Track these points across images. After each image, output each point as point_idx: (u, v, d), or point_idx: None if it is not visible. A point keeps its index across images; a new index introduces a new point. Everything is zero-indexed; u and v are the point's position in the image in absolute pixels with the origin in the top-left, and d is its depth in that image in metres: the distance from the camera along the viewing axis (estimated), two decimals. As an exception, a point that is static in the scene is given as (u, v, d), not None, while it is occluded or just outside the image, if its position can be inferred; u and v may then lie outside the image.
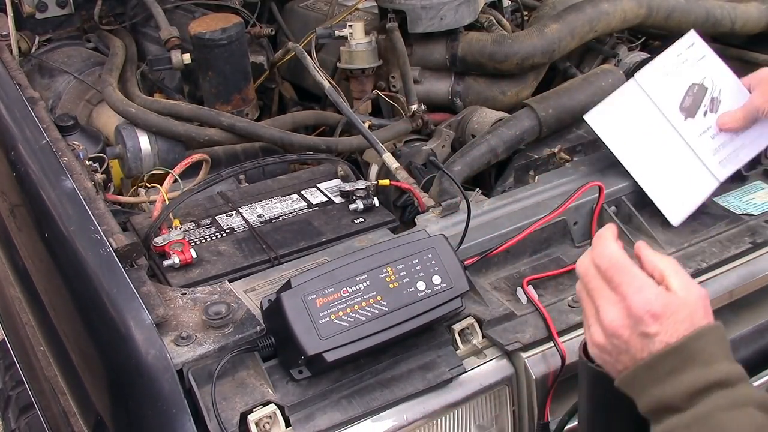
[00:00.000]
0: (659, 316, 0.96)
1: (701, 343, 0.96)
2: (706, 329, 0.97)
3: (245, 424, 1.09)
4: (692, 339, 0.96)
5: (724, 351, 0.97)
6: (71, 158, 1.48)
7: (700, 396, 0.93)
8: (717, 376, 0.93)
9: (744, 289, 1.41)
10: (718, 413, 0.91)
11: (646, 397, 0.97)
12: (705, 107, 1.54)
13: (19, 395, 1.97)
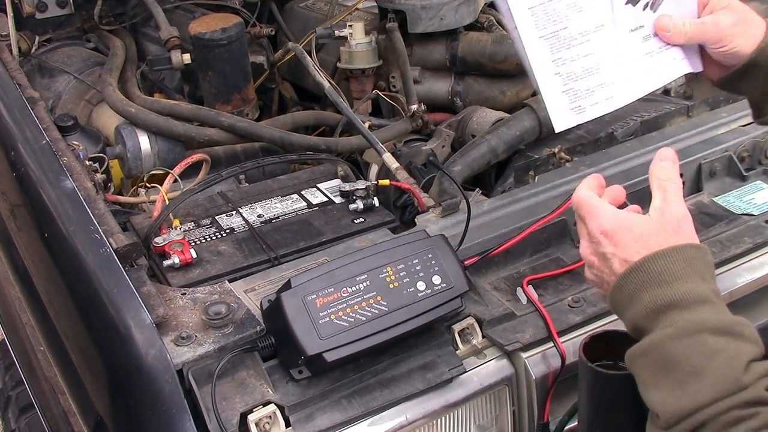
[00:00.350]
0: (610, 235, 0.99)
1: (660, 262, 0.95)
2: (669, 249, 0.96)
3: (245, 424, 1.09)
4: (650, 258, 0.96)
5: (691, 271, 0.96)
6: (71, 158, 1.48)
7: (658, 316, 0.93)
8: (672, 297, 0.93)
9: (744, 289, 1.41)
10: (668, 341, 0.91)
11: (624, 319, 0.99)
12: (648, 1, 1.26)
13: (19, 395, 1.97)
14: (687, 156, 1.62)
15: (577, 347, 1.12)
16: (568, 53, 1.22)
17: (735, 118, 1.76)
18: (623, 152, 1.65)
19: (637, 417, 1.11)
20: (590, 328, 1.28)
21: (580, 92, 1.23)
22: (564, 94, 1.22)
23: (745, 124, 1.74)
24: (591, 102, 1.24)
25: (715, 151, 1.65)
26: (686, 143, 1.68)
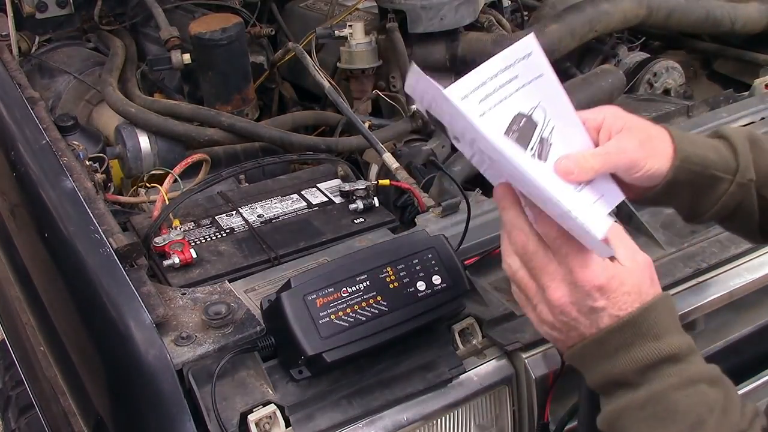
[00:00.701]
0: (606, 290, 0.93)
1: (652, 316, 0.93)
2: (657, 301, 0.95)
3: (245, 424, 1.09)
4: (642, 312, 0.93)
5: (674, 323, 0.95)
6: (71, 158, 1.48)
7: (651, 371, 0.91)
8: (668, 351, 0.91)
9: (744, 289, 1.41)
10: (672, 392, 0.90)
11: (597, 372, 0.95)
12: (533, 150, 1.02)
13: (19, 395, 1.97)
14: (687, 156, 1.62)
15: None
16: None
17: (735, 118, 1.76)
18: (623, 152, 1.65)
19: (637, 417, 1.11)
20: (590, 328, 1.28)
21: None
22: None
23: (745, 124, 1.74)
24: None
25: (715, 151, 1.64)
26: (686, 143, 1.67)
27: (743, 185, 1.08)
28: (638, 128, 1.06)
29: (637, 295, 0.94)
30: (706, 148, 1.08)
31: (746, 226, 1.14)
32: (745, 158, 1.08)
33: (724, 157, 1.08)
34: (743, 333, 1.42)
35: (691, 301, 1.37)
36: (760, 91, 1.90)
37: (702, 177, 1.07)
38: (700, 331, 1.43)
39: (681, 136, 1.08)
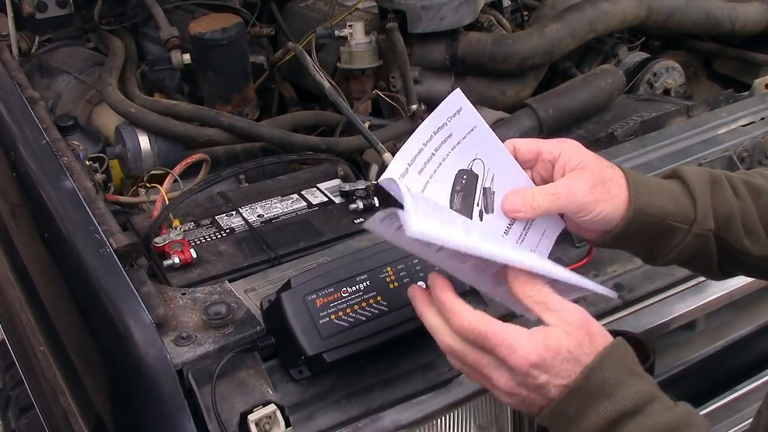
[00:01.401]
0: (542, 365, 0.90)
1: (598, 375, 0.89)
2: (601, 358, 0.90)
3: (245, 424, 1.09)
4: (587, 375, 0.89)
5: (626, 373, 0.91)
6: (71, 158, 1.48)
7: (614, 428, 0.89)
8: (624, 406, 0.88)
9: (744, 289, 1.41)
10: None
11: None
12: (479, 206, 1.04)
13: (19, 395, 1.97)
14: (687, 156, 1.62)
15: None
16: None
17: (735, 118, 1.76)
18: (623, 152, 1.65)
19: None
20: (590, 328, 1.28)
21: None
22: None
23: (745, 124, 1.74)
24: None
25: (715, 151, 1.65)
26: (686, 143, 1.68)
27: (700, 235, 1.05)
28: (593, 170, 1.04)
29: (575, 360, 0.90)
30: (663, 197, 1.05)
31: (705, 270, 1.12)
32: (703, 207, 1.05)
33: (681, 207, 1.05)
34: (743, 333, 1.42)
35: (691, 301, 1.37)
36: (760, 91, 1.90)
37: (657, 227, 1.05)
38: (700, 331, 1.43)
39: (637, 181, 1.05)
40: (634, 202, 1.03)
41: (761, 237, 1.07)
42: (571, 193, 1.02)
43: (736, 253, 1.07)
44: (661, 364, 1.23)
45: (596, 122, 1.85)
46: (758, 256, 1.07)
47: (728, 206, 1.06)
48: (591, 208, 1.02)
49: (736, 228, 1.06)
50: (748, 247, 1.06)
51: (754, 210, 1.07)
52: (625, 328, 1.24)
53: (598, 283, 1.35)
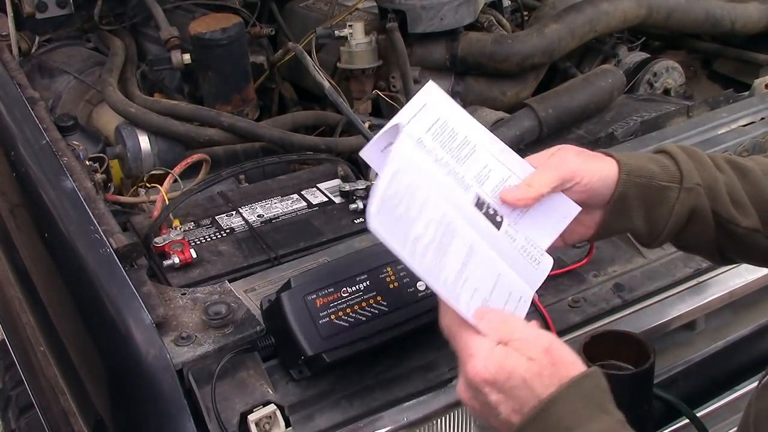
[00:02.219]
0: (494, 384, 0.88)
1: (557, 409, 0.85)
2: (562, 392, 0.86)
3: (245, 424, 1.09)
4: (544, 408, 0.85)
5: (593, 406, 0.86)
6: (71, 158, 1.48)
7: None
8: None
9: (744, 289, 1.41)
10: None
11: None
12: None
13: (19, 395, 1.97)
14: (687, 156, 1.62)
15: (577, 347, 1.12)
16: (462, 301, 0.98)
17: (735, 118, 1.76)
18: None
19: (637, 417, 1.11)
20: (590, 328, 1.28)
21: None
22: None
23: (745, 124, 1.74)
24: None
25: (715, 151, 1.64)
26: (686, 143, 1.67)
27: (691, 190, 1.07)
28: (571, 147, 1.09)
29: (530, 390, 0.87)
30: (647, 161, 1.09)
31: (704, 241, 1.11)
32: (686, 165, 1.08)
33: (666, 167, 1.08)
34: (743, 333, 1.42)
35: (691, 301, 1.37)
36: (760, 91, 1.90)
37: (649, 189, 1.07)
38: (700, 331, 1.43)
39: (620, 152, 1.10)
40: (622, 166, 1.07)
41: (748, 209, 1.08)
42: (561, 161, 1.06)
43: (725, 224, 1.08)
44: (661, 364, 1.23)
45: (596, 122, 1.85)
46: (747, 227, 1.08)
47: (711, 175, 1.09)
48: (585, 169, 1.06)
49: (721, 195, 1.08)
50: (735, 217, 1.08)
51: (740, 185, 1.09)
52: (625, 328, 1.24)
53: (598, 283, 1.35)
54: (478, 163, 1.09)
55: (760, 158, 1.15)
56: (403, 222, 0.96)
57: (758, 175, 1.10)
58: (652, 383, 1.12)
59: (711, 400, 1.38)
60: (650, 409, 1.14)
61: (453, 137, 1.09)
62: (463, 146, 1.09)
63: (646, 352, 1.10)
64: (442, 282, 0.96)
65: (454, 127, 1.09)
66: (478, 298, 0.98)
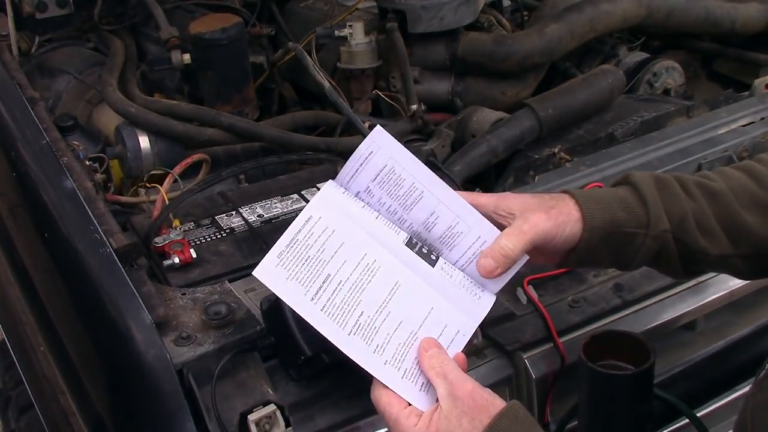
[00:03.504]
0: None
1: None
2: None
3: (245, 424, 1.09)
4: None
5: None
6: (71, 158, 1.48)
7: None
8: None
9: (744, 289, 1.41)
10: None
11: None
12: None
13: (19, 395, 1.96)
14: (687, 156, 1.62)
15: (577, 347, 1.12)
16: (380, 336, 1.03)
17: (735, 118, 1.76)
18: (623, 152, 1.65)
19: (637, 417, 1.11)
20: (590, 328, 1.28)
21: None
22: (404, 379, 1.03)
23: (745, 124, 1.74)
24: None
25: (715, 151, 1.65)
26: (686, 143, 1.68)
27: (657, 237, 1.08)
28: (537, 203, 1.08)
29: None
30: (614, 208, 1.08)
31: (669, 270, 1.14)
32: (655, 209, 1.08)
33: (633, 212, 1.08)
34: (743, 333, 1.42)
35: (691, 301, 1.37)
36: (760, 91, 1.90)
37: (615, 236, 1.07)
38: (700, 331, 1.43)
39: (585, 197, 1.08)
40: (587, 218, 1.06)
41: (718, 236, 1.09)
42: (533, 225, 1.05)
43: (694, 254, 1.10)
44: (661, 364, 1.23)
45: (596, 122, 1.85)
46: (717, 254, 1.09)
47: (680, 208, 1.09)
48: (554, 232, 1.06)
49: (691, 229, 1.08)
50: (705, 247, 1.09)
51: (709, 211, 1.09)
52: (625, 328, 1.24)
53: (598, 283, 1.35)
54: (425, 211, 1.10)
55: (730, 173, 1.14)
56: (312, 263, 1.02)
57: (728, 198, 1.10)
58: (652, 383, 1.12)
59: (711, 400, 1.38)
60: (650, 409, 1.13)
61: (399, 184, 1.10)
62: (410, 193, 1.10)
63: (646, 352, 1.10)
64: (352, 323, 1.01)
65: (401, 174, 1.09)
66: (402, 332, 1.02)
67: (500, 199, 1.10)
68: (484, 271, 1.08)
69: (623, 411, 1.11)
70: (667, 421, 1.28)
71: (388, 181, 1.09)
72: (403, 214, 1.10)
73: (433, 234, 1.10)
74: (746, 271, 1.13)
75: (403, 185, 1.10)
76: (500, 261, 1.06)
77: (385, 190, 1.10)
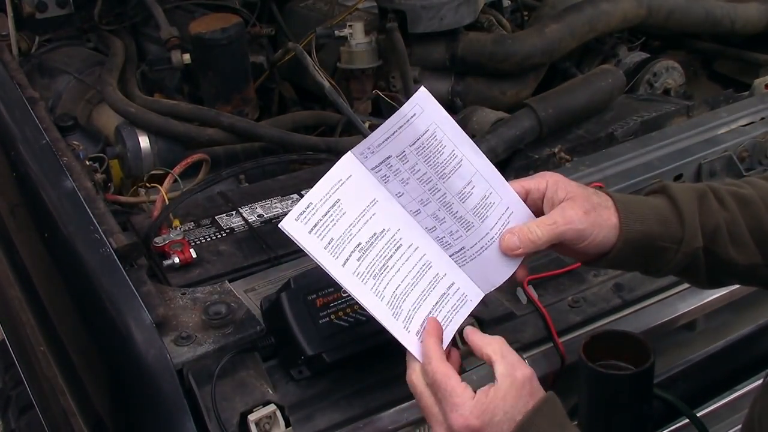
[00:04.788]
0: (478, 428, 0.95)
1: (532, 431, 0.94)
2: (529, 416, 0.95)
3: (245, 424, 1.09)
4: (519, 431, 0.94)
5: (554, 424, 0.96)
6: (71, 158, 1.48)
7: None
8: None
9: (744, 289, 1.41)
10: None
11: None
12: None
13: (19, 395, 1.96)
14: (687, 156, 1.62)
15: (577, 347, 1.12)
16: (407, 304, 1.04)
17: (735, 118, 1.76)
18: (623, 152, 1.65)
19: (637, 417, 1.11)
20: (590, 328, 1.28)
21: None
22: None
23: (745, 124, 1.74)
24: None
25: (715, 151, 1.65)
26: (686, 143, 1.68)
27: (689, 253, 1.07)
28: (582, 197, 1.06)
29: (511, 419, 0.95)
30: (652, 220, 1.07)
31: (694, 281, 1.14)
32: (691, 227, 1.07)
33: (669, 228, 1.07)
34: (743, 333, 1.42)
35: (691, 301, 1.37)
36: (760, 91, 1.90)
37: (648, 249, 1.07)
38: (700, 331, 1.43)
39: (625, 204, 1.07)
40: (624, 229, 1.05)
41: (748, 246, 1.09)
42: (569, 221, 1.04)
43: (723, 265, 1.09)
44: (661, 364, 1.23)
45: (596, 122, 1.85)
46: (746, 265, 1.09)
47: (714, 220, 1.08)
48: (587, 234, 1.05)
49: (722, 240, 1.08)
50: (734, 258, 1.08)
51: (741, 220, 1.09)
52: (625, 328, 1.24)
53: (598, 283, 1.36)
54: (462, 180, 1.08)
55: (759, 182, 1.14)
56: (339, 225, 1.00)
57: (758, 206, 1.10)
58: (652, 383, 1.12)
59: (711, 400, 1.38)
60: (650, 409, 1.14)
61: (439, 151, 1.06)
62: (450, 161, 1.07)
63: (646, 352, 1.10)
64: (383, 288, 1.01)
65: (442, 140, 1.06)
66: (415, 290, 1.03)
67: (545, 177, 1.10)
68: (506, 247, 1.07)
69: (623, 411, 1.12)
70: (667, 421, 1.28)
71: (428, 146, 1.05)
72: (437, 182, 1.06)
73: (467, 204, 1.08)
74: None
75: (443, 152, 1.06)
76: (525, 243, 1.06)
77: (423, 156, 1.05)
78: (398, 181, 1.06)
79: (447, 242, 1.08)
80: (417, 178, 1.06)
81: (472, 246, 1.08)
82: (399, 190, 1.06)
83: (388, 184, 1.06)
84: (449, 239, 1.08)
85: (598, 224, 1.05)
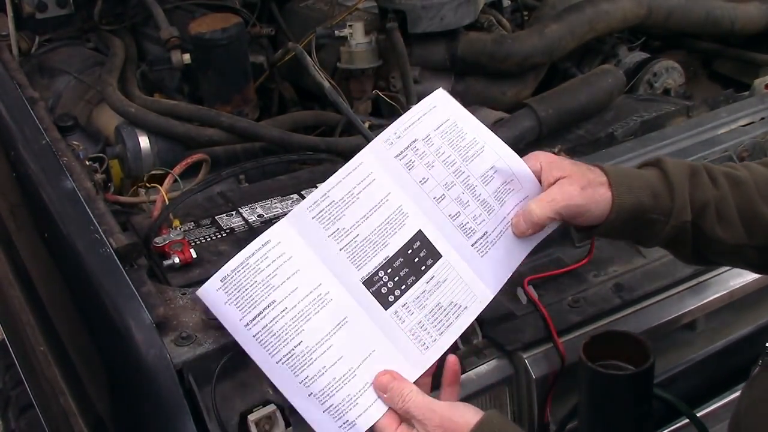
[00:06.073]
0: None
1: None
2: None
3: (245, 424, 1.09)
4: None
5: None
6: (71, 158, 1.48)
7: None
8: None
9: (744, 289, 1.41)
10: None
11: None
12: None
13: (19, 395, 1.96)
14: (687, 156, 1.62)
15: (577, 347, 1.12)
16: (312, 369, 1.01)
17: (735, 118, 1.76)
18: (623, 152, 1.65)
19: (637, 417, 1.11)
20: (590, 328, 1.28)
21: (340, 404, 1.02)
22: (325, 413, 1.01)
23: (745, 124, 1.74)
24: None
25: (715, 151, 1.65)
26: (686, 143, 1.68)
27: (677, 226, 1.10)
28: (577, 174, 1.10)
29: None
30: (643, 193, 1.10)
31: (680, 255, 1.17)
32: (681, 198, 1.10)
33: (660, 200, 1.10)
34: (743, 333, 1.42)
35: (691, 301, 1.38)
36: (760, 91, 1.90)
37: (639, 221, 1.10)
38: (700, 331, 1.43)
39: (618, 177, 1.10)
40: (616, 202, 1.09)
41: (735, 225, 1.11)
42: (568, 197, 1.08)
43: (709, 242, 1.12)
44: (661, 364, 1.23)
45: (596, 122, 1.85)
46: (732, 244, 1.11)
47: (704, 196, 1.11)
48: (585, 209, 1.08)
49: (709, 217, 1.10)
50: (720, 236, 1.11)
51: (731, 200, 1.11)
52: (625, 328, 1.24)
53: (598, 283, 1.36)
54: (486, 164, 1.12)
55: (755, 166, 1.16)
56: (258, 288, 1.01)
57: (750, 188, 1.12)
58: (652, 383, 1.12)
59: (711, 400, 1.38)
60: (650, 409, 1.14)
61: (462, 136, 1.13)
62: (472, 145, 1.13)
63: (646, 352, 1.10)
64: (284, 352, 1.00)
65: (463, 128, 1.13)
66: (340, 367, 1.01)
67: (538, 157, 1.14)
68: (516, 230, 1.12)
69: (623, 411, 1.12)
70: (667, 421, 1.29)
71: (452, 131, 1.13)
72: (461, 165, 1.12)
73: (489, 188, 1.12)
74: (759, 264, 1.15)
75: (466, 137, 1.13)
76: (529, 223, 1.10)
77: (447, 139, 1.12)
78: (424, 165, 1.10)
79: (470, 228, 1.11)
80: (442, 161, 1.11)
81: (493, 230, 1.12)
82: (424, 175, 1.10)
83: (413, 170, 1.10)
84: (472, 224, 1.11)
85: (594, 200, 1.09)
